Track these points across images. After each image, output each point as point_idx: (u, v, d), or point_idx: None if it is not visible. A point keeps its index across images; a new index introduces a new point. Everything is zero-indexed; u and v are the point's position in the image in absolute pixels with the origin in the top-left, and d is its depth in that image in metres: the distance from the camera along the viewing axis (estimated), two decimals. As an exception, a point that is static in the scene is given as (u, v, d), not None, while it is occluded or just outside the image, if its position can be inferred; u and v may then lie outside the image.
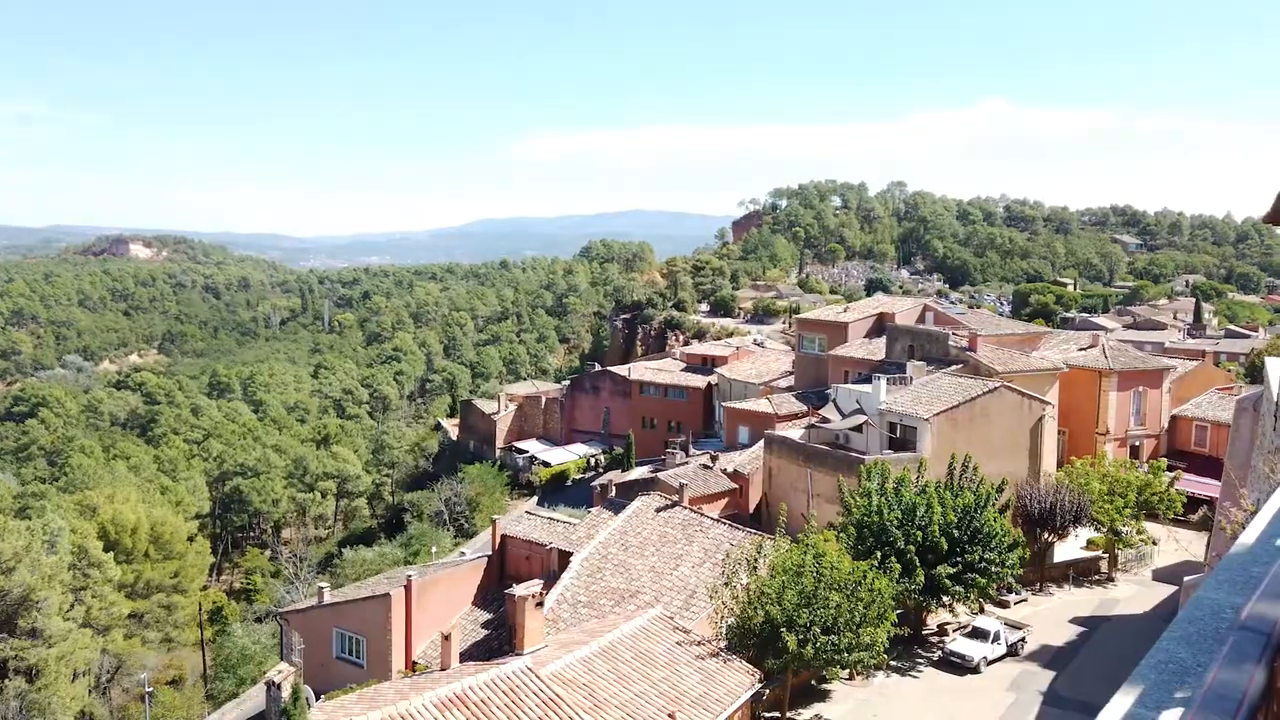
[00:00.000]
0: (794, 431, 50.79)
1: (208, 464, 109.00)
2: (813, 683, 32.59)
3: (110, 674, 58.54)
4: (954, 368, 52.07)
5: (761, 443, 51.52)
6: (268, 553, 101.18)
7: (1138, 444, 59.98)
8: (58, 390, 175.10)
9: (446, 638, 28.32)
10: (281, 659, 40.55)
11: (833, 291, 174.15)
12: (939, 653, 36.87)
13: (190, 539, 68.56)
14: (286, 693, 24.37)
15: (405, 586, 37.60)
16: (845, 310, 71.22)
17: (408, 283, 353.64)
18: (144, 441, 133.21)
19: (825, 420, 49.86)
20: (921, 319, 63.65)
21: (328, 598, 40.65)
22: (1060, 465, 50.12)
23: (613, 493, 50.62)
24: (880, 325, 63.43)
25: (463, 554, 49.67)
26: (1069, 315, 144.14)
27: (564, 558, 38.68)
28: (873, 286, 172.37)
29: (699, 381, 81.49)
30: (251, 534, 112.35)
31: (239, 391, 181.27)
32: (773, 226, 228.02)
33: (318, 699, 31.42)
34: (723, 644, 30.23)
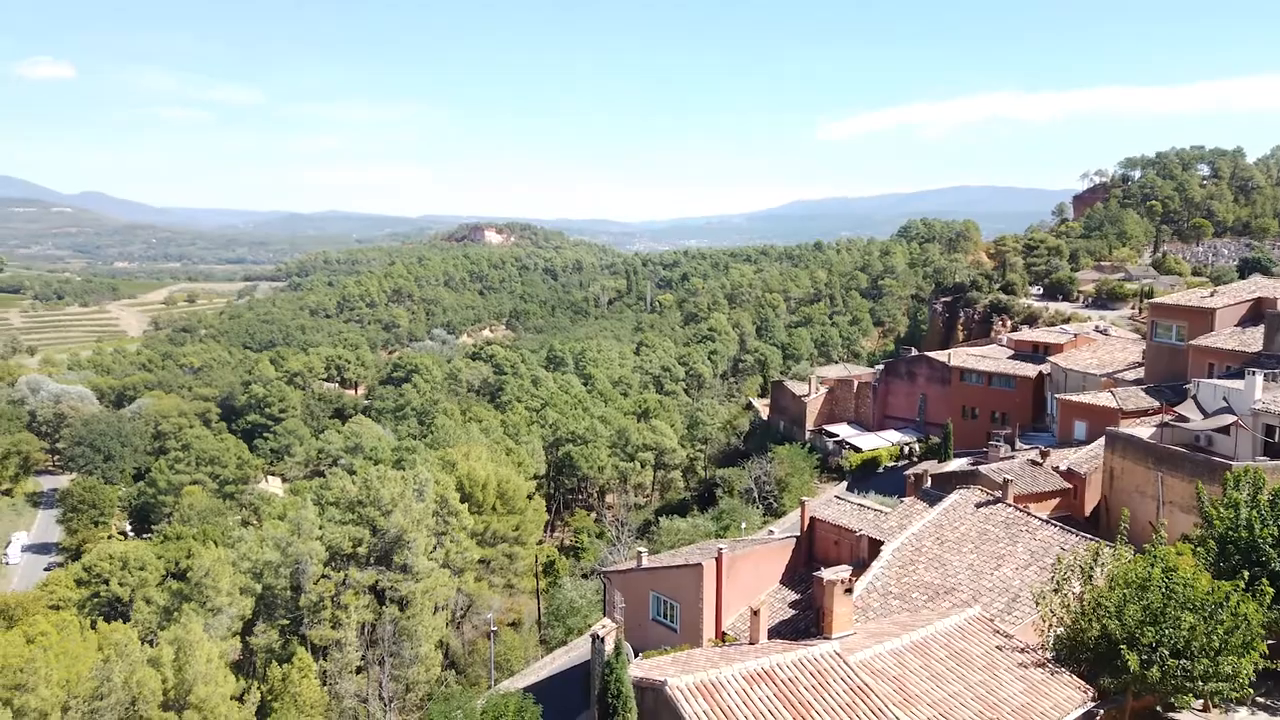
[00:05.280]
0: (1142, 430, 45.52)
1: (544, 430, 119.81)
2: (1157, 709, 29.21)
3: (463, 611, 66.73)
4: (1358, 364, 43.74)
5: (1102, 440, 46.77)
6: (593, 515, 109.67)
7: None
8: (427, 359, 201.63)
9: (755, 613, 28.95)
10: (604, 614, 43.84)
11: (1195, 273, 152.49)
12: (1324, 698, 31.41)
13: (529, 497, 75.83)
14: (609, 647, 26.30)
15: (716, 558, 38.91)
16: (1212, 294, 62.13)
17: (723, 265, 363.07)
18: (493, 407, 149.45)
19: (1182, 419, 44.17)
20: (1315, 305, 53.97)
21: (645, 562, 43.20)
22: None
23: (928, 483, 48.67)
24: (1257, 312, 54.74)
25: (771, 532, 50.46)
26: None
27: (874, 546, 37.93)
28: (1248, 267, 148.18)
29: (1028, 370, 75.57)
30: (579, 497, 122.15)
31: (571, 365, 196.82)
32: (1122, 200, 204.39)
33: (635, 656, 33.64)
34: (1049, 654, 28.05)
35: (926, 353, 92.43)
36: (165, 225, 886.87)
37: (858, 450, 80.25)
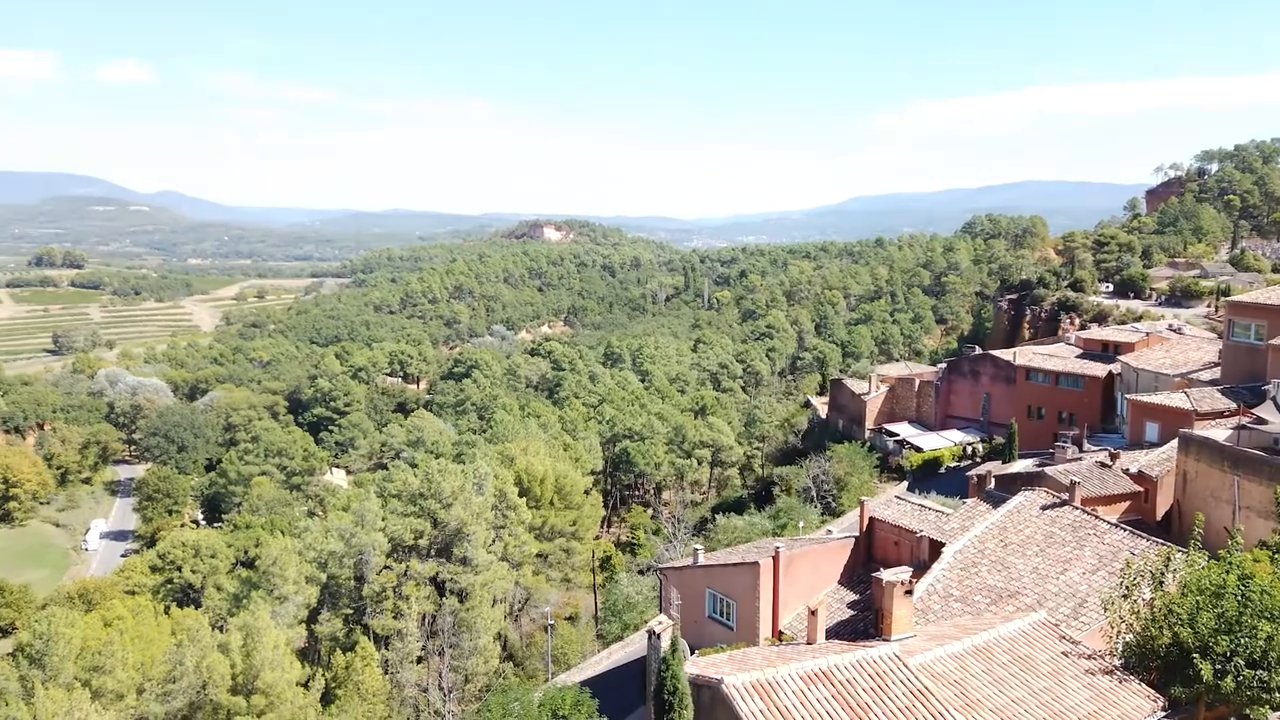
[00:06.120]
0: (1218, 432, 43.96)
1: (601, 426, 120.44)
2: (1231, 721, 28.24)
3: (521, 604, 67.48)
4: None
5: (1175, 443, 45.28)
6: (649, 511, 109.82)
7: None
8: (487, 355, 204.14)
9: (813, 613, 28.69)
10: (661, 611, 43.92)
11: (1275, 270, 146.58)
12: None
13: (586, 492, 76.33)
14: (666, 643, 26.30)
15: (773, 557, 38.65)
16: (1294, 292, 59.68)
17: (782, 261, 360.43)
18: (551, 403, 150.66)
19: (1261, 421, 42.56)
20: (1407, 304, 51.50)
21: (701, 559, 43.14)
22: None
23: (991, 484, 47.69)
24: (1344, 311, 52.47)
25: (829, 532, 49.95)
26: None
27: (935, 547, 37.32)
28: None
29: (1097, 370, 73.53)
30: (636, 493, 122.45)
31: (629, 362, 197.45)
32: (1198, 195, 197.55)
33: (692, 653, 33.63)
34: (1117, 662, 27.30)
35: (991, 351, 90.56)
36: (236, 223, 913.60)
37: (919, 450, 78.98)
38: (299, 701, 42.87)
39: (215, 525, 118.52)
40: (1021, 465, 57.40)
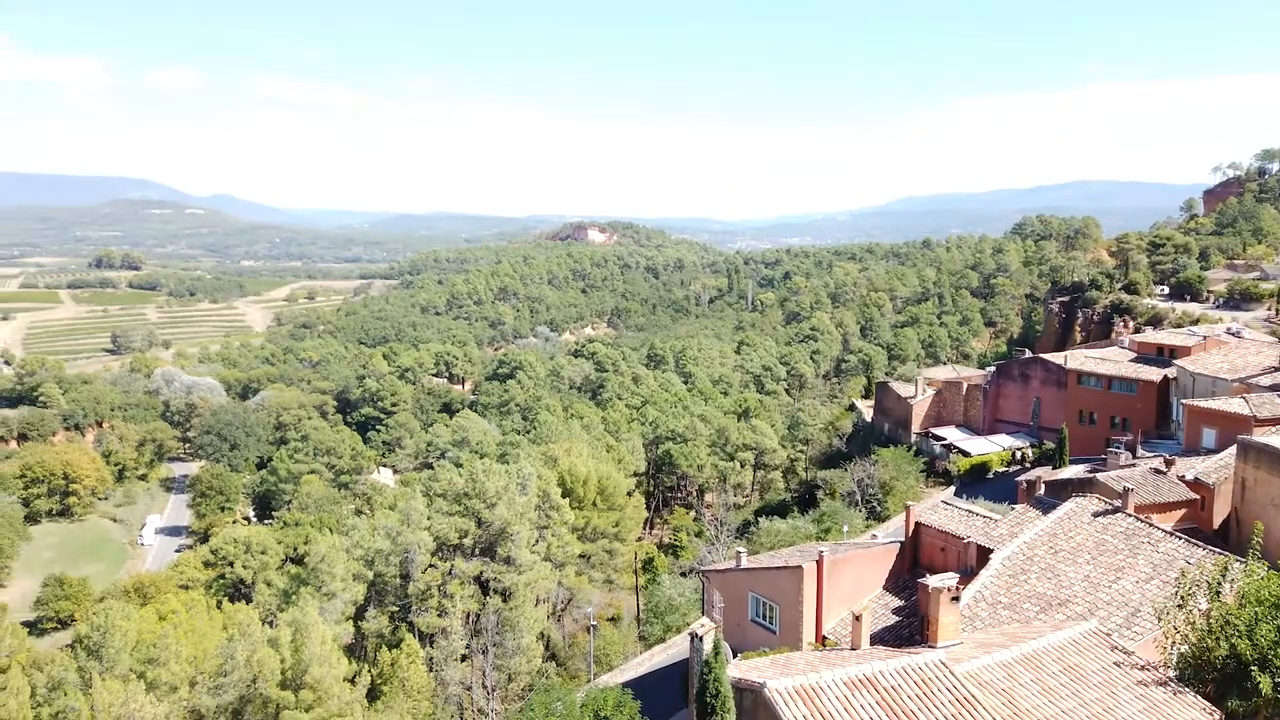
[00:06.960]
0: (1279, 439, 42.67)
1: (644, 428, 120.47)
2: (1292, 738, 27.38)
3: (563, 605, 67.77)
4: None
5: (1233, 449, 44.07)
6: (692, 514, 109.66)
7: None
8: (531, 356, 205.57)
9: (857, 618, 28.45)
10: (703, 614, 43.84)
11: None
12: None
13: (629, 494, 76.40)
14: (708, 646, 26.28)
15: (817, 561, 38.39)
16: (1361, 295, 57.82)
17: (827, 263, 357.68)
18: (594, 404, 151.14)
19: (1325, 428, 41.21)
20: None
21: (744, 562, 42.99)
22: None
23: (1041, 490, 46.86)
24: None
25: (874, 536, 49.44)
26: None
27: (983, 554, 36.77)
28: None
29: (1152, 374, 71.86)
30: (678, 495, 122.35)
31: (672, 363, 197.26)
32: (1259, 194, 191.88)
33: (734, 657, 33.53)
34: (1172, 673, 26.63)
35: (1041, 354, 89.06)
36: (288, 225, 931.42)
37: (966, 454, 77.90)
38: (345, 697, 43.51)
39: (266, 522, 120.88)
40: (1072, 471, 56.28)
